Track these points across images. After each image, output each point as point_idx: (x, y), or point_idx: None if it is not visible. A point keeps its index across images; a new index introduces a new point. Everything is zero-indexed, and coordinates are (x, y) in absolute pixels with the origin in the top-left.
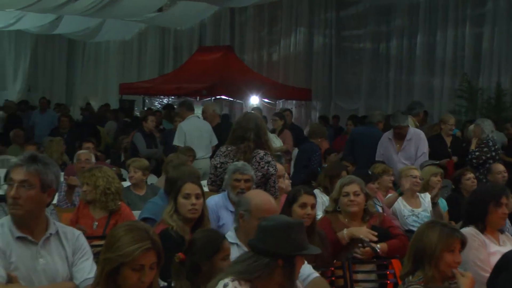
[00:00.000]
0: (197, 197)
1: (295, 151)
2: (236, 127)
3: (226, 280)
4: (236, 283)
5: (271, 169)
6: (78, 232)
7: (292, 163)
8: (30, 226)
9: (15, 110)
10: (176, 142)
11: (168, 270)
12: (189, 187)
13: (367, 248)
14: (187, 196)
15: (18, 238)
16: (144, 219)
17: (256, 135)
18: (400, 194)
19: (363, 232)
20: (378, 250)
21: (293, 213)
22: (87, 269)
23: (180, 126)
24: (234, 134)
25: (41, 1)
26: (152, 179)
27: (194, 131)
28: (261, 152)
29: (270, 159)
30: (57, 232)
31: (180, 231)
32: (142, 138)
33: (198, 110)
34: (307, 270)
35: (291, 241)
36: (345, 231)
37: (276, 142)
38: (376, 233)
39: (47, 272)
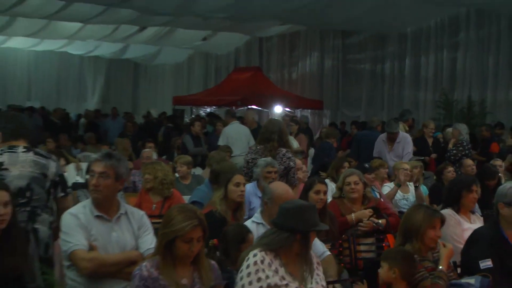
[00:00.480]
0: (244, 185)
1: (311, 149)
2: (264, 130)
3: (255, 251)
4: (263, 253)
5: (291, 163)
6: (142, 212)
7: (309, 159)
8: (106, 207)
9: (92, 117)
10: (220, 142)
11: None
12: (239, 178)
13: (369, 221)
14: (237, 185)
15: (97, 216)
16: (193, 202)
17: (279, 137)
18: (398, 186)
19: (366, 215)
20: (380, 225)
21: (309, 198)
22: (149, 241)
23: (224, 130)
24: (262, 136)
25: (114, 33)
26: (198, 171)
27: (235, 134)
28: (283, 150)
29: (290, 155)
30: (126, 212)
31: (223, 213)
32: (190, 139)
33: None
34: (321, 249)
35: (306, 220)
36: (353, 215)
37: (293, 143)
38: (373, 212)
39: (119, 243)
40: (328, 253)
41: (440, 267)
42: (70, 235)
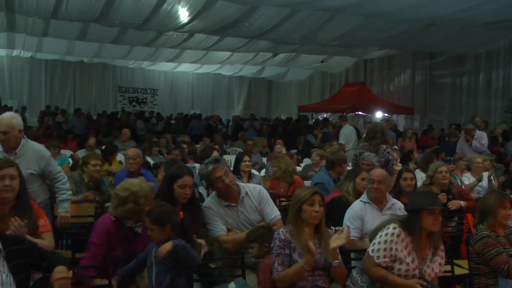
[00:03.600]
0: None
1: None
2: (369, 130)
3: (395, 224)
4: (400, 229)
5: (390, 156)
6: (259, 187)
7: None
8: (228, 197)
9: (238, 121)
10: (341, 140)
11: None
12: (364, 174)
13: (457, 202)
14: (363, 179)
15: (225, 206)
16: (317, 183)
17: (382, 135)
18: (479, 180)
19: (445, 198)
20: (462, 205)
21: (401, 184)
22: (270, 211)
23: (342, 130)
24: (367, 135)
25: (254, 58)
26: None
27: (349, 133)
28: (384, 146)
29: (389, 150)
30: (246, 193)
31: (351, 200)
32: (313, 137)
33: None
34: None
35: (424, 201)
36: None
37: None
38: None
39: (247, 221)
40: None
41: None
42: (211, 224)
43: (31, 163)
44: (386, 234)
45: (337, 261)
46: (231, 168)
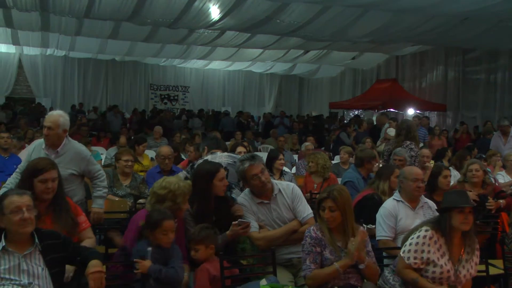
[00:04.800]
0: None
1: None
2: (396, 127)
3: (427, 227)
4: (433, 231)
5: (412, 153)
6: (292, 185)
7: None
8: (262, 194)
9: (269, 119)
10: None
11: None
12: (397, 172)
13: (497, 202)
14: (396, 177)
15: (258, 203)
16: (346, 182)
17: (407, 132)
18: None
19: (497, 204)
20: (501, 205)
21: (439, 182)
22: (303, 209)
23: (386, 127)
24: (395, 132)
25: (285, 56)
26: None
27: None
28: (407, 142)
29: (413, 146)
30: (279, 190)
31: (385, 199)
32: (346, 135)
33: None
34: None
35: (456, 200)
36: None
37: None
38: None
39: (279, 219)
40: None
41: None
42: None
43: (72, 164)
44: (418, 237)
45: (363, 265)
46: None
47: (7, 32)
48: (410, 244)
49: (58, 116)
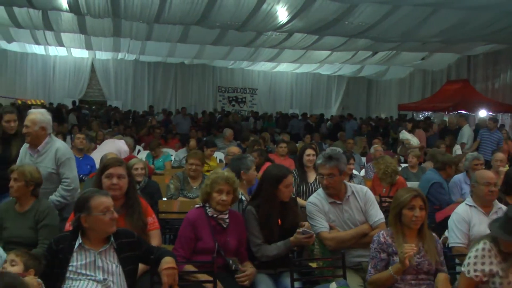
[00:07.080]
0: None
1: None
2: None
3: (487, 240)
4: (492, 244)
5: None
6: (365, 189)
7: None
8: (336, 194)
9: (336, 121)
10: (463, 139)
11: None
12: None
13: None
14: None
15: (330, 202)
16: (433, 183)
17: None
18: None
19: None
20: None
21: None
22: (375, 214)
23: (464, 130)
24: None
25: (353, 57)
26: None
27: (469, 132)
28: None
29: None
30: (352, 192)
31: None
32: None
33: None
34: None
35: None
36: None
37: (413, 140)
38: None
39: (350, 220)
40: None
41: None
42: (314, 220)
43: (51, 162)
44: (477, 250)
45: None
46: None
47: (81, 38)
48: (469, 257)
49: (35, 114)
